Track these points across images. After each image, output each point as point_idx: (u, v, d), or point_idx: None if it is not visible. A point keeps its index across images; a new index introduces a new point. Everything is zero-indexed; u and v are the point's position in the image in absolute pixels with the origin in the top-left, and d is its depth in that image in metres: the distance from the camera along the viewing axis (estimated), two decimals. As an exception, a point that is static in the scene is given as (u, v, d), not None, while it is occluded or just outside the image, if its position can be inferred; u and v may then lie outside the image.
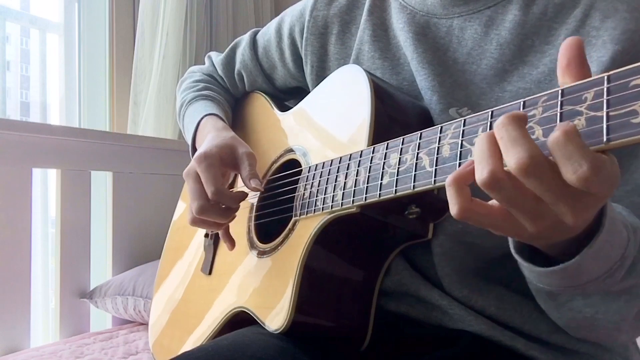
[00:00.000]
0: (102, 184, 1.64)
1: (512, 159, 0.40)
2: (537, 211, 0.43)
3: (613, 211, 0.49)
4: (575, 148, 0.38)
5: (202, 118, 0.94)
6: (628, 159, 0.63)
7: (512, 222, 0.45)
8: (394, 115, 0.69)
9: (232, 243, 0.82)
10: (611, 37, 0.64)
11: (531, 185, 0.41)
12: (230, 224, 0.81)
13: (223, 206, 0.77)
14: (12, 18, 1.90)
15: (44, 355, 1.24)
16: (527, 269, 0.54)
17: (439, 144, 0.51)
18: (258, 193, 0.85)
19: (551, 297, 0.58)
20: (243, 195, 0.78)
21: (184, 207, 1.11)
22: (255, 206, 0.86)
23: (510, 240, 0.55)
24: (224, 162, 0.79)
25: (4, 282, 1.33)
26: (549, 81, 0.67)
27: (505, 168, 0.42)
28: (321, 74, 0.87)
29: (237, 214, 0.79)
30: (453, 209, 0.45)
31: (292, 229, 0.73)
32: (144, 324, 1.50)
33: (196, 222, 0.78)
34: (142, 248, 1.68)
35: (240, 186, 0.91)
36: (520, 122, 0.41)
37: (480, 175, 0.42)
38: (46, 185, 1.74)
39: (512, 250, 0.54)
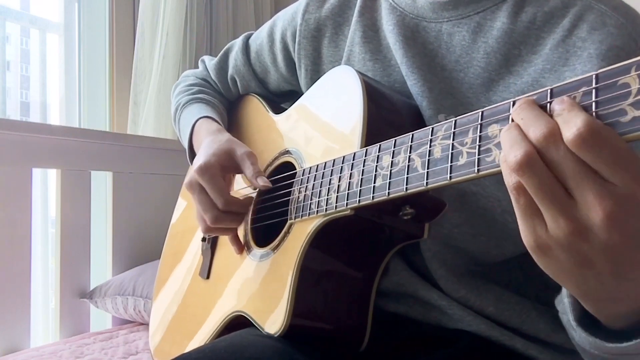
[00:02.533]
0: (102, 184, 1.65)
1: (533, 133, 0.39)
2: (564, 202, 0.38)
3: None
4: (571, 111, 0.38)
5: (196, 121, 0.94)
6: None
7: (536, 220, 0.41)
8: (386, 116, 0.69)
9: (240, 247, 0.83)
10: (597, 51, 0.63)
11: (551, 159, 0.38)
12: (228, 228, 0.82)
13: (235, 212, 0.79)
14: (12, 18, 1.90)
15: (44, 355, 1.24)
16: (591, 345, 0.48)
17: (430, 145, 0.51)
18: (255, 194, 0.86)
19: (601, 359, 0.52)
20: (251, 199, 0.81)
21: (182, 211, 1.11)
22: (252, 209, 0.86)
23: (569, 308, 0.50)
24: (225, 168, 0.79)
25: (4, 282, 1.33)
26: (532, 91, 0.66)
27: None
28: (315, 77, 0.86)
29: None
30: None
31: (287, 232, 0.73)
32: (144, 324, 1.51)
33: (211, 231, 0.81)
34: (142, 248, 1.68)
35: (237, 188, 0.91)
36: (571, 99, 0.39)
37: (514, 157, 0.39)
38: (46, 185, 1.74)
39: (573, 323, 0.49)
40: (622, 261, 0.38)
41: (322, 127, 0.76)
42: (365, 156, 0.61)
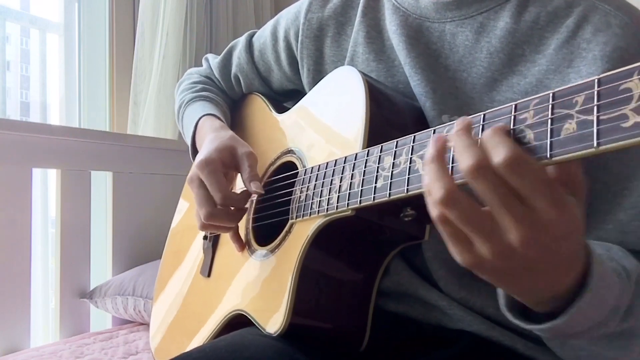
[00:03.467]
0: (102, 184, 1.65)
1: (463, 163, 0.43)
2: (487, 228, 0.43)
3: (602, 264, 0.50)
4: (500, 138, 0.42)
5: (200, 118, 0.94)
6: (631, 181, 0.63)
7: (473, 246, 0.45)
8: (388, 117, 0.69)
9: (241, 244, 0.83)
10: (602, 53, 0.63)
11: (479, 186, 0.42)
12: (228, 227, 0.82)
13: (232, 209, 0.78)
14: (12, 18, 1.90)
15: (44, 355, 1.24)
16: (519, 326, 0.54)
17: None
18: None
19: (551, 339, 0.58)
20: (248, 195, 0.79)
21: (184, 211, 1.11)
22: (253, 209, 0.86)
23: (500, 297, 0.55)
24: (226, 164, 0.79)
25: (4, 282, 1.33)
26: (536, 92, 0.66)
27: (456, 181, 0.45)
28: (317, 77, 0.86)
29: None
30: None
31: (288, 232, 0.73)
32: (144, 324, 1.51)
33: (206, 227, 0.79)
34: (142, 248, 1.68)
35: (240, 187, 0.91)
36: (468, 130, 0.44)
37: (437, 193, 0.44)
38: (46, 185, 1.74)
39: (502, 308, 0.55)
40: (537, 267, 0.45)
41: (325, 127, 0.76)
42: (367, 157, 0.61)
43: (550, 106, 0.41)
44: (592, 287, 0.47)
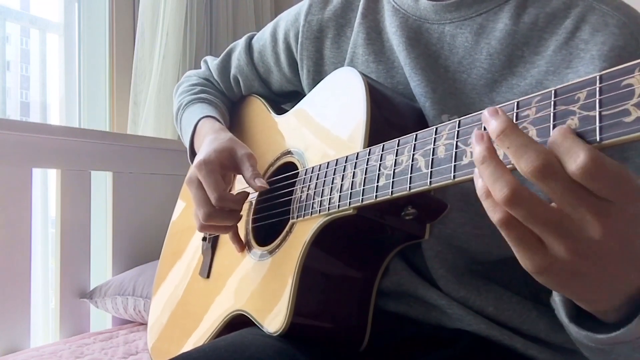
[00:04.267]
0: (102, 184, 1.65)
1: (526, 164, 0.40)
2: (561, 224, 0.40)
3: None
4: (573, 141, 0.38)
5: (199, 120, 0.94)
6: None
7: (544, 246, 0.42)
8: (389, 117, 0.69)
9: (241, 245, 0.82)
10: (600, 52, 0.63)
11: (549, 187, 0.40)
12: (228, 227, 0.82)
13: (228, 209, 0.77)
14: (12, 18, 1.90)
15: (44, 355, 1.24)
16: (585, 338, 0.51)
17: (434, 145, 0.51)
18: (256, 194, 0.86)
19: (600, 351, 0.54)
20: (245, 195, 0.79)
21: (182, 210, 1.11)
22: (253, 209, 0.86)
23: (560, 306, 0.52)
24: (224, 165, 0.79)
25: (4, 282, 1.33)
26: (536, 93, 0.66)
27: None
28: (317, 78, 0.87)
29: None
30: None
31: (289, 232, 0.73)
32: (144, 324, 1.51)
33: (204, 228, 0.79)
34: (142, 248, 1.68)
35: (238, 188, 0.91)
36: (517, 128, 0.41)
37: (501, 193, 0.40)
38: (46, 185, 1.74)
39: (563, 319, 0.52)
40: (617, 264, 0.42)
41: (325, 128, 0.76)
42: (369, 155, 0.61)
43: (552, 103, 0.41)
44: None
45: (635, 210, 0.39)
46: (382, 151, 0.59)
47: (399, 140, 0.57)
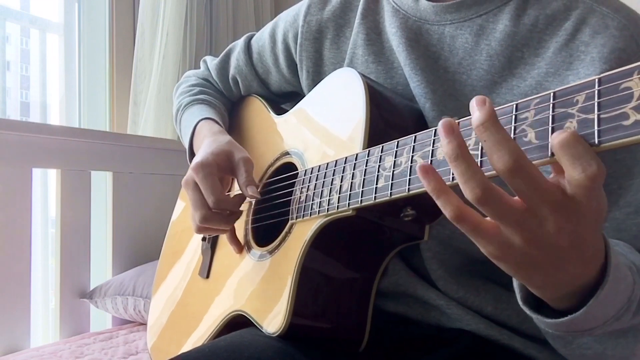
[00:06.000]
0: (102, 184, 1.65)
1: (498, 161, 0.41)
2: (523, 219, 0.42)
3: (617, 256, 0.49)
4: (585, 148, 0.39)
5: (198, 122, 0.94)
6: (627, 179, 0.63)
7: (502, 237, 0.44)
8: (388, 118, 0.69)
9: (238, 246, 0.83)
10: (600, 54, 0.63)
11: (517, 185, 0.41)
12: (228, 228, 0.82)
13: (225, 212, 0.78)
14: (12, 18, 1.90)
15: (44, 355, 1.24)
16: (535, 320, 0.53)
17: (433, 146, 0.51)
18: (256, 195, 0.86)
19: (559, 337, 0.58)
20: (242, 198, 0.79)
21: (181, 211, 1.11)
22: (252, 209, 0.86)
23: (517, 290, 0.54)
24: (221, 168, 0.79)
25: (4, 282, 1.33)
26: (536, 94, 0.67)
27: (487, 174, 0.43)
28: (317, 79, 0.87)
29: None
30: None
31: (288, 232, 0.73)
32: (144, 324, 1.51)
33: (202, 230, 0.80)
34: (142, 248, 1.68)
35: (237, 190, 0.91)
36: (499, 123, 0.42)
37: (472, 193, 0.42)
38: (46, 185, 1.74)
39: (520, 302, 0.54)
40: (567, 256, 0.44)
41: (325, 128, 0.76)
42: (368, 157, 0.61)
43: (551, 105, 0.41)
44: (611, 277, 0.47)
45: (596, 211, 0.42)
46: (381, 152, 0.59)
47: (398, 142, 0.57)
